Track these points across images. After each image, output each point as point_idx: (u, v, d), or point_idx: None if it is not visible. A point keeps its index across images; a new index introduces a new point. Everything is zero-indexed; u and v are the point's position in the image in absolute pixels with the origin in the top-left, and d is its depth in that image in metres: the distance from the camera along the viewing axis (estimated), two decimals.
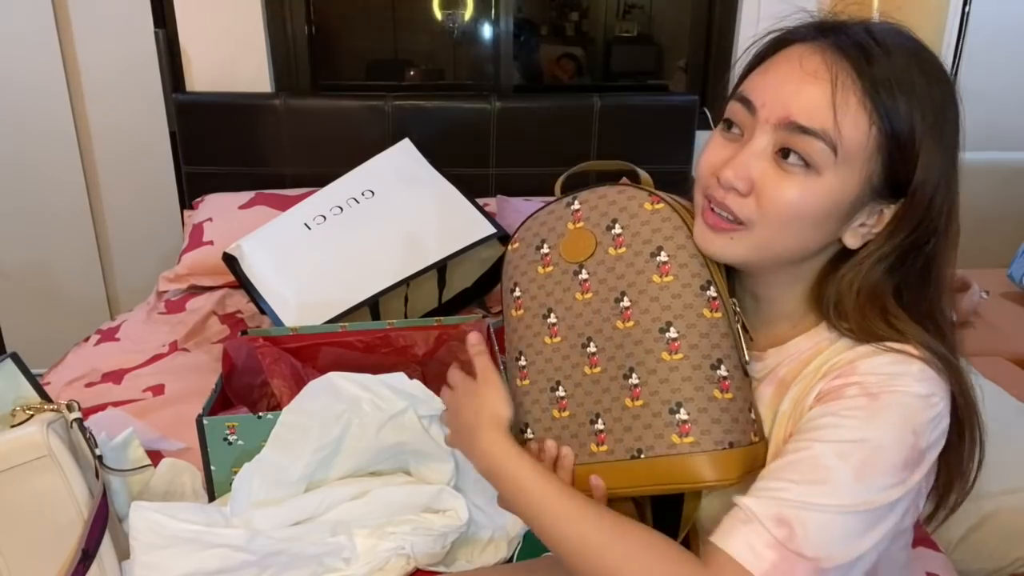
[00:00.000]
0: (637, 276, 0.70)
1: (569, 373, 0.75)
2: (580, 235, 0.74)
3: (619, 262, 0.71)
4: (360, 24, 2.92)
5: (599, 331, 0.72)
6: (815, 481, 0.60)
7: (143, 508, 0.99)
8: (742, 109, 0.67)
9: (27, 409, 1.02)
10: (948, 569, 1.11)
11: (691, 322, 0.68)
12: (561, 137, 2.40)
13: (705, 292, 0.68)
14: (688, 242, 0.69)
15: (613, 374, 0.71)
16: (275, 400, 1.34)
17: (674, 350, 0.68)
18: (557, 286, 0.75)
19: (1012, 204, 2.55)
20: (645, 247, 0.70)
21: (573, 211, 0.75)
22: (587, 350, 0.73)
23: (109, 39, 2.29)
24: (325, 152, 2.32)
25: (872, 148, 0.63)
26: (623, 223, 0.72)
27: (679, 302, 0.69)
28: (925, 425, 0.62)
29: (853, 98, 0.62)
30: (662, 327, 0.69)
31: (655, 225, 0.70)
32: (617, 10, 3.29)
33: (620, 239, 0.72)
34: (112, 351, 1.79)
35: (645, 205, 0.71)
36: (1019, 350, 1.88)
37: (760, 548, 0.59)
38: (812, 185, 0.64)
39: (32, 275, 2.46)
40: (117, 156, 2.41)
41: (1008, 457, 1.33)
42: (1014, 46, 2.54)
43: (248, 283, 1.72)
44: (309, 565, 1.03)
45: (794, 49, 0.66)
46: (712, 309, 0.68)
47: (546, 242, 0.77)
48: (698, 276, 0.69)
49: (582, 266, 0.74)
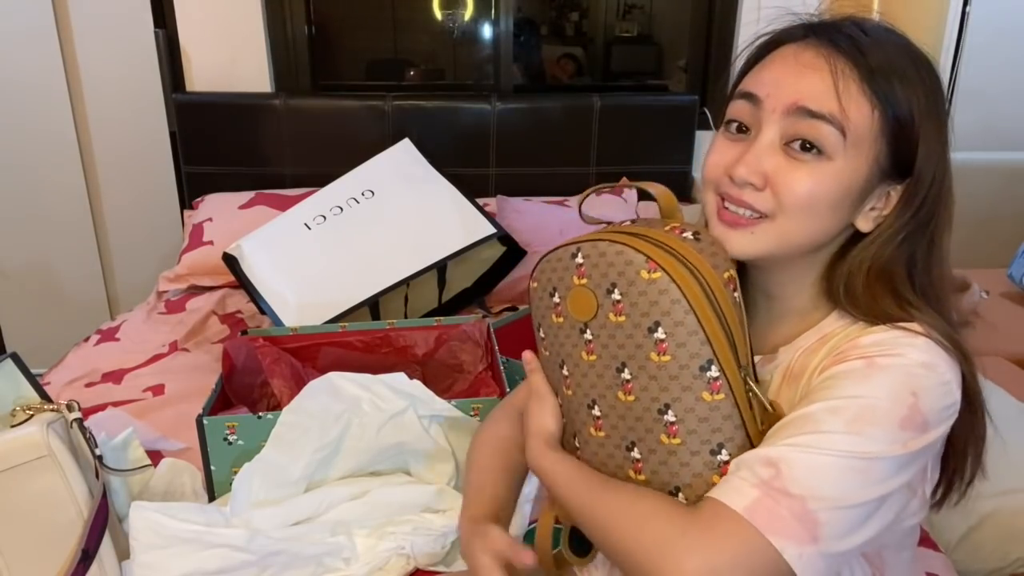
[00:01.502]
0: (636, 350, 0.66)
1: (580, 429, 0.74)
2: (583, 293, 0.70)
3: (619, 331, 0.67)
4: (360, 24, 2.93)
5: (603, 396, 0.71)
6: (805, 431, 0.60)
7: (143, 508, 0.99)
8: (746, 105, 0.68)
9: (27, 409, 1.02)
10: (948, 569, 1.11)
11: (689, 406, 0.65)
12: (561, 137, 2.40)
13: (704, 373, 0.64)
14: (687, 318, 0.63)
15: (617, 442, 0.70)
16: (275, 400, 1.34)
17: (672, 433, 0.65)
18: (568, 340, 0.73)
19: (1012, 204, 2.55)
20: (643, 320, 0.65)
21: (577, 264, 0.70)
22: (592, 412, 0.72)
23: (109, 39, 2.29)
24: (325, 152, 2.33)
25: (877, 131, 0.65)
26: (621, 289, 0.66)
27: (676, 384, 0.65)
28: (928, 390, 0.62)
29: (853, 85, 0.64)
30: (660, 408, 0.66)
31: (652, 297, 0.65)
32: (617, 10, 3.30)
33: (619, 306, 0.67)
34: (112, 351, 1.79)
35: (642, 273, 0.65)
36: (1019, 350, 1.88)
37: (744, 488, 0.59)
38: (825, 171, 0.65)
39: (32, 275, 2.46)
40: (117, 156, 2.41)
41: (1008, 457, 1.33)
42: (1014, 46, 2.54)
43: (248, 283, 1.72)
44: (309, 565, 1.03)
45: (787, 48, 0.68)
46: (712, 391, 0.64)
47: (557, 291, 0.73)
48: (697, 356, 0.64)
49: (587, 325, 0.70)
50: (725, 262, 0.67)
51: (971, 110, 2.55)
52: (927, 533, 1.19)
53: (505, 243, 1.97)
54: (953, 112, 2.62)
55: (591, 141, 2.40)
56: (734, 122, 0.70)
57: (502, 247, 1.99)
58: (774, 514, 0.57)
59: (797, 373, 0.70)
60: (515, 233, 2.01)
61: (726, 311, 0.65)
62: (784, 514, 0.57)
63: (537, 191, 2.38)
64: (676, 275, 0.64)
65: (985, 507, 1.28)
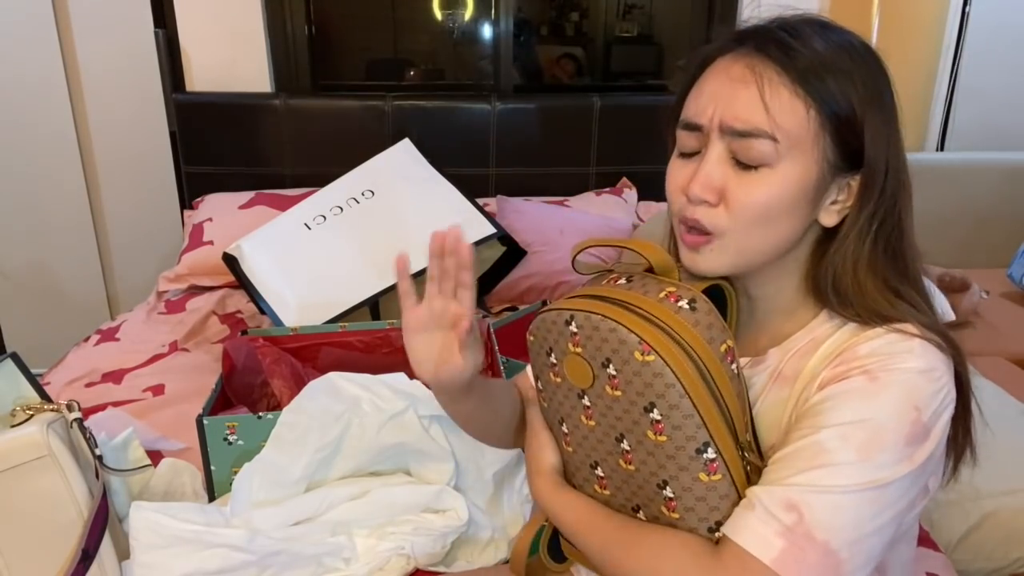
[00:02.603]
0: (634, 425, 0.66)
1: (581, 484, 0.76)
2: (579, 363, 0.68)
3: (616, 404, 0.67)
4: (360, 24, 2.92)
5: (604, 461, 0.71)
6: (820, 465, 0.61)
7: (143, 508, 0.99)
8: (689, 134, 0.70)
9: (27, 409, 1.02)
10: (948, 569, 1.11)
11: (687, 485, 0.65)
12: (561, 137, 2.40)
13: (701, 455, 0.64)
14: (682, 401, 0.63)
15: (622, 502, 0.72)
16: (275, 400, 1.34)
17: (671, 508, 0.67)
18: (567, 401, 0.73)
19: (1012, 204, 2.55)
20: (639, 399, 0.65)
21: (571, 333, 0.69)
22: (596, 472, 0.73)
23: (109, 39, 2.29)
24: (325, 152, 2.32)
25: (816, 129, 0.65)
26: (616, 366, 0.65)
27: (673, 464, 0.65)
28: (928, 399, 0.63)
29: (784, 90, 0.65)
30: (659, 483, 0.66)
31: (647, 379, 0.63)
32: (617, 10, 3.29)
33: (615, 381, 0.66)
34: (112, 351, 1.79)
35: (636, 355, 0.63)
36: (1019, 350, 1.88)
37: (770, 536, 0.61)
38: (772, 179, 0.66)
39: (32, 275, 2.47)
40: (117, 156, 2.41)
41: (1008, 457, 1.33)
42: (1014, 46, 2.54)
43: (248, 283, 1.72)
44: (309, 565, 1.03)
45: (718, 63, 0.69)
46: (709, 472, 0.64)
47: (553, 352, 0.72)
48: (693, 439, 0.64)
49: (585, 392, 0.70)
50: (722, 333, 0.66)
51: (971, 110, 2.55)
52: (927, 533, 1.19)
53: (505, 243, 1.97)
54: (953, 112, 2.63)
55: (591, 141, 2.40)
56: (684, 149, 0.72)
57: (502, 247, 1.99)
58: (802, 563, 0.60)
59: (789, 376, 0.71)
60: (515, 233, 2.01)
61: (723, 389, 0.64)
62: (811, 560, 0.60)
63: (537, 191, 2.38)
64: (670, 358, 0.62)
65: (985, 507, 1.28)
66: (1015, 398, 1.55)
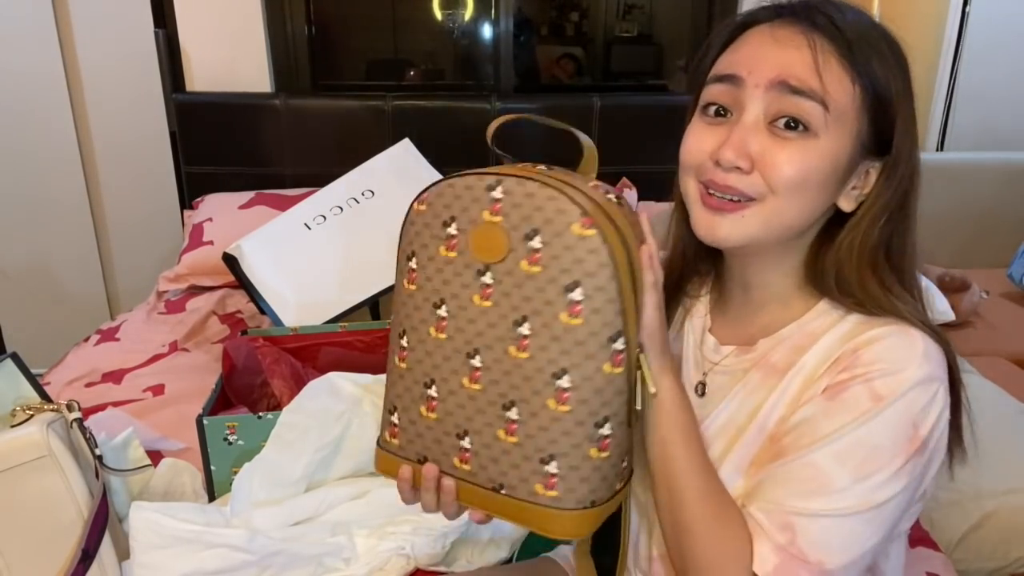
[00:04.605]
0: (545, 306, 0.61)
1: (446, 377, 0.67)
2: (493, 232, 0.62)
3: (529, 281, 0.61)
4: (360, 24, 2.93)
5: (489, 348, 0.64)
6: (816, 490, 0.62)
7: (143, 508, 0.99)
8: (724, 87, 0.67)
9: (27, 409, 1.02)
10: (948, 569, 1.11)
11: (588, 375, 0.61)
12: (561, 137, 2.40)
13: (611, 344, 0.60)
14: (610, 284, 0.59)
15: (492, 399, 0.64)
16: (275, 400, 1.34)
17: (562, 400, 0.61)
18: (456, 278, 0.65)
19: (1012, 204, 2.55)
20: (562, 276, 0.60)
21: (493, 199, 0.63)
22: (471, 362, 0.65)
23: (109, 39, 2.29)
24: (325, 152, 2.33)
25: (858, 107, 0.64)
26: (544, 238, 0.60)
27: (580, 350, 0.60)
28: (925, 411, 0.62)
29: (833, 60, 0.63)
30: (556, 372, 0.61)
31: (578, 255, 0.59)
32: (617, 10, 3.30)
33: (537, 256, 0.61)
34: (112, 351, 1.79)
35: (573, 227, 0.59)
36: (1019, 350, 1.88)
37: (765, 552, 0.62)
38: (812, 148, 0.64)
39: (32, 275, 2.46)
40: (117, 156, 2.41)
41: (1008, 457, 1.33)
42: (1013, 46, 2.54)
43: (248, 283, 1.72)
44: (309, 565, 1.03)
45: (760, 27, 0.67)
46: (614, 364, 0.61)
47: (456, 221, 0.65)
48: (609, 326, 0.60)
49: (488, 268, 0.63)
50: (641, 234, 0.64)
51: (971, 110, 2.55)
52: (927, 533, 1.19)
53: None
54: (953, 112, 2.63)
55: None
56: (712, 105, 0.68)
57: None
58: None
59: (781, 368, 0.69)
60: None
61: (638, 284, 0.62)
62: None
63: None
64: (609, 236, 0.59)
65: (985, 507, 1.28)
66: (1015, 398, 1.55)
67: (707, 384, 0.76)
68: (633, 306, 0.61)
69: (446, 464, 0.68)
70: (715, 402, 0.74)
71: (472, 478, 0.67)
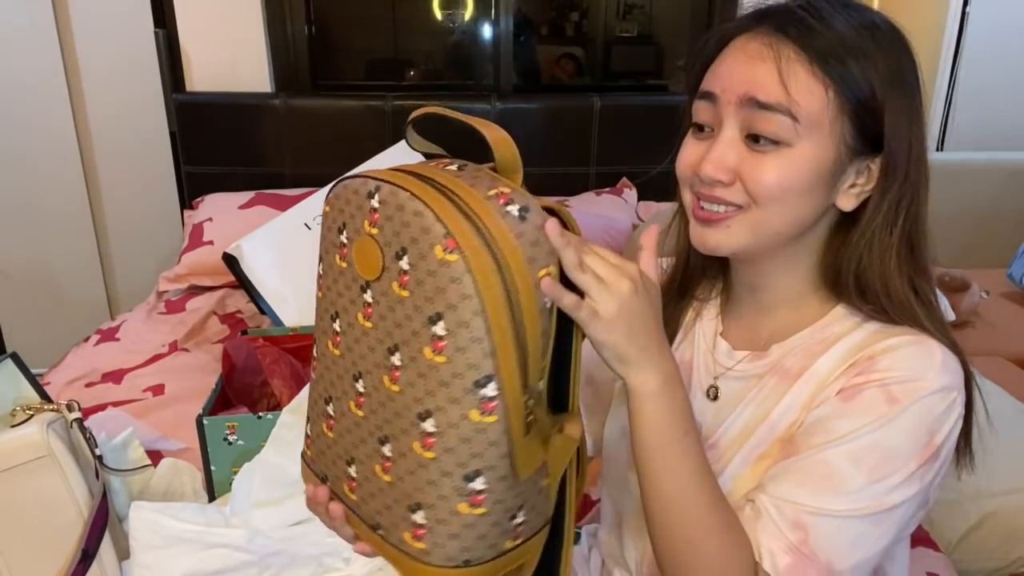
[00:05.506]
0: (412, 337, 0.53)
1: (339, 396, 0.61)
2: (370, 248, 0.55)
3: (400, 306, 0.54)
4: (360, 24, 2.92)
5: (369, 373, 0.57)
6: (829, 488, 0.62)
7: (143, 508, 0.99)
8: (705, 104, 0.68)
9: (27, 409, 1.02)
10: (948, 569, 1.11)
11: (453, 421, 0.53)
12: (561, 137, 2.40)
13: (479, 390, 0.52)
14: (475, 320, 0.51)
15: (371, 430, 0.58)
16: (275, 400, 1.34)
17: (427, 446, 0.54)
18: (346, 292, 0.59)
19: (1012, 204, 2.55)
20: (425, 305, 0.52)
21: (371, 208, 0.55)
22: (356, 386, 0.59)
23: (109, 39, 2.29)
24: (325, 152, 2.32)
25: (835, 111, 0.64)
26: (411, 260, 0.53)
27: (444, 393, 0.52)
28: (941, 420, 0.63)
29: (801, 70, 0.63)
30: (421, 413, 0.54)
31: (440, 283, 0.51)
32: (617, 10, 3.29)
33: (405, 278, 0.53)
34: (112, 351, 1.79)
35: (436, 250, 0.51)
36: (1019, 350, 1.88)
37: (776, 549, 0.62)
38: (787, 158, 0.64)
39: (32, 275, 2.46)
40: (117, 156, 2.41)
41: (1008, 457, 1.33)
42: (1013, 46, 2.54)
43: (248, 283, 1.72)
44: (309, 565, 1.03)
45: (736, 41, 0.68)
46: (484, 411, 0.52)
47: (345, 230, 0.58)
48: (474, 368, 0.52)
49: (369, 285, 0.56)
50: (547, 257, 0.54)
51: (971, 110, 2.55)
52: (927, 533, 1.19)
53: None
54: (953, 112, 2.63)
55: (591, 141, 2.40)
56: (699, 124, 0.70)
57: None
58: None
59: (793, 372, 0.69)
60: None
61: (527, 320, 0.52)
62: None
63: (537, 191, 2.34)
64: (476, 264, 0.50)
65: (985, 507, 1.28)
66: (1015, 398, 1.55)
67: (720, 389, 0.76)
68: (513, 346, 0.52)
69: (339, 489, 0.64)
70: (730, 407, 0.74)
71: (357, 509, 0.62)
